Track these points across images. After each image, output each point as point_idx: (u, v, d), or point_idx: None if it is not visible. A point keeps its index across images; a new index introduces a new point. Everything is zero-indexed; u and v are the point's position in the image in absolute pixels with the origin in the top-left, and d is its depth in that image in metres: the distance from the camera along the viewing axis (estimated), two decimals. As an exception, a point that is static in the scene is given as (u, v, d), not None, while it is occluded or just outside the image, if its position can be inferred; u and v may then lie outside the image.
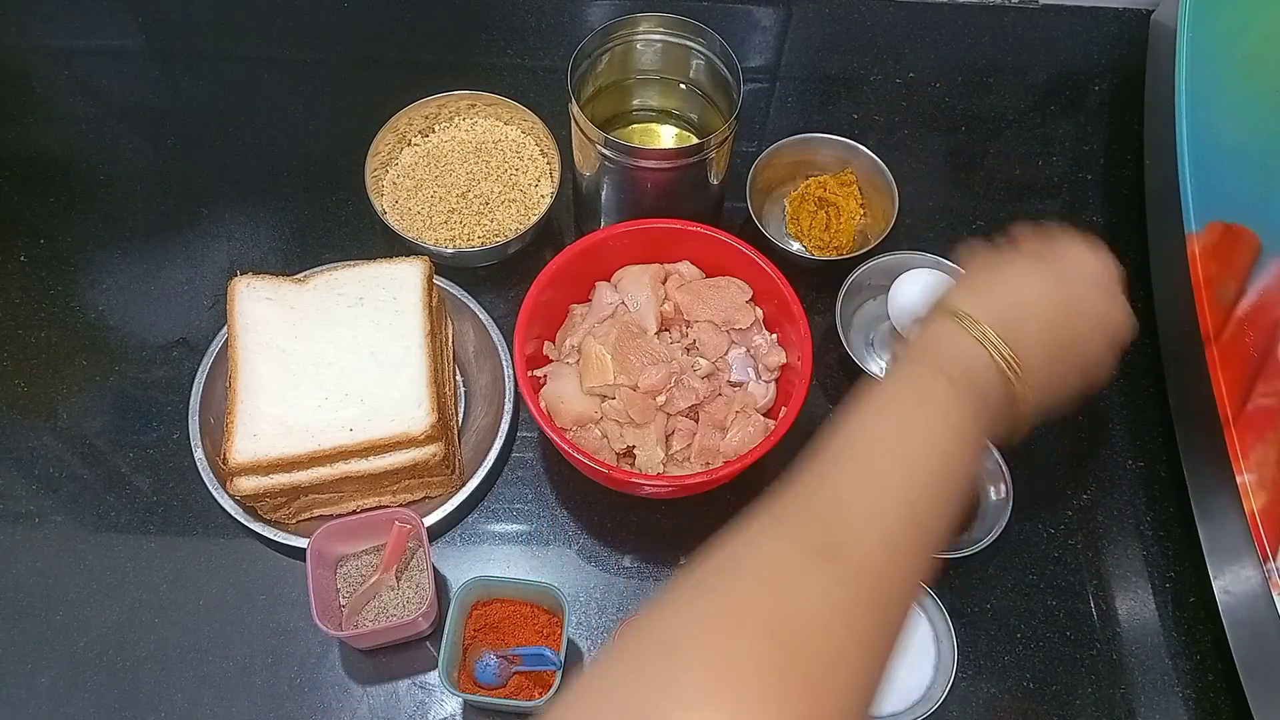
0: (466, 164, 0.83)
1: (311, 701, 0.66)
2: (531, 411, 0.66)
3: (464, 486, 0.71)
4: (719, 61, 0.73)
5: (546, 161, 0.83)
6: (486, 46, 0.94)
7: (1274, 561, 0.59)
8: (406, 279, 0.73)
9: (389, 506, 0.71)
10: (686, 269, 0.74)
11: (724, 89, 0.74)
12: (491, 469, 0.72)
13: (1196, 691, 0.67)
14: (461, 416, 0.76)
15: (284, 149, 0.88)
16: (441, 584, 0.70)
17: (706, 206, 0.78)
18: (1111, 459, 0.75)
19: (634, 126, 0.81)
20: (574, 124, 0.72)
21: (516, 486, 0.74)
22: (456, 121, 0.85)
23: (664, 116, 0.81)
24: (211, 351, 0.74)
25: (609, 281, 0.74)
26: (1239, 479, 0.62)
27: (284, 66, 0.93)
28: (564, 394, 0.69)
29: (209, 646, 0.68)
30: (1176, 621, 0.70)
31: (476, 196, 0.81)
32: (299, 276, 0.74)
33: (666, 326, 0.73)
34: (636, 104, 0.80)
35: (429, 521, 0.69)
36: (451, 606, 0.64)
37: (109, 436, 0.75)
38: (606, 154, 0.71)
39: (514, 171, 0.82)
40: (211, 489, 0.69)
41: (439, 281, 0.76)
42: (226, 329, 0.71)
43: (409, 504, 0.72)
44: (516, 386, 0.71)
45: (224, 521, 0.70)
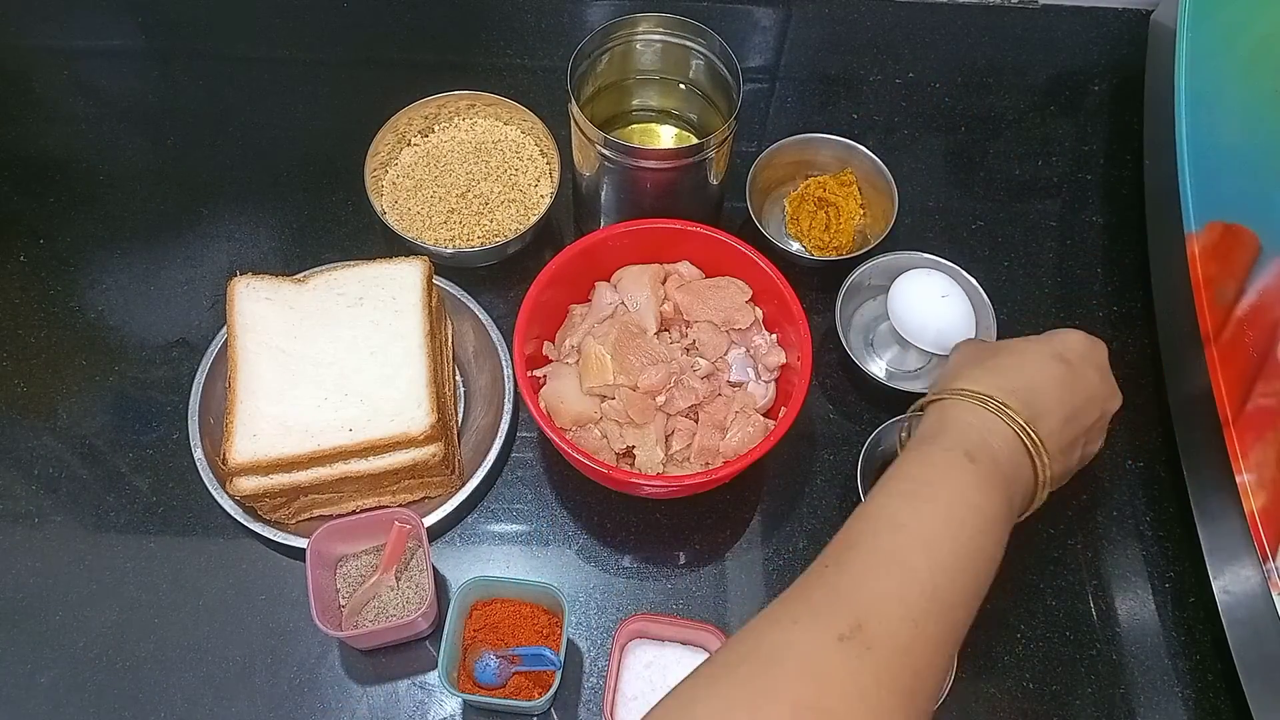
0: (466, 164, 0.83)
1: (311, 702, 0.66)
2: (531, 412, 0.66)
3: (464, 487, 0.71)
4: (719, 61, 0.73)
5: (546, 162, 0.83)
6: (486, 46, 0.94)
7: (1274, 561, 0.59)
8: (406, 279, 0.73)
9: (389, 506, 0.71)
10: (686, 269, 0.74)
11: (724, 89, 0.74)
12: (491, 469, 0.71)
13: (1196, 691, 0.67)
14: (461, 416, 0.76)
15: (284, 149, 0.88)
16: (441, 584, 0.70)
17: (706, 206, 0.78)
18: (1111, 459, 0.75)
19: (634, 126, 0.81)
20: (574, 124, 0.72)
21: (516, 487, 0.74)
22: (456, 121, 0.85)
23: (664, 116, 0.81)
24: (211, 351, 0.74)
25: (609, 282, 0.74)
26: (1239, 479, 0.62)
27: (284, 66, 0.93)
28: (564, 394, 0.69)
29: (208, 647, 0.68)
30: (1176, 621, 0.70)
31: (476, 197, 0.81)
32: (299, 276, 0.74)
33: (666, 327, 0.73)
34: (636, 104, 0.80)
35: (429, 521, 0.69)
36: (451, 606, 0.64)
37: (108, 436, 0.75)
38: (606, 154, 0.71)
39: (514, 171, 0.82)
40: (211, 489, 0.69)
41: (439, 281, 0.76)
42: (226, 329, 0.71)
43: (409, 504, 0.72)
44: (516, 387, 0.71)
45: (224, 522, 0.70)
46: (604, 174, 0.73)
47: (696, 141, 0.71)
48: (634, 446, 0.68)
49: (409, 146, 0.84)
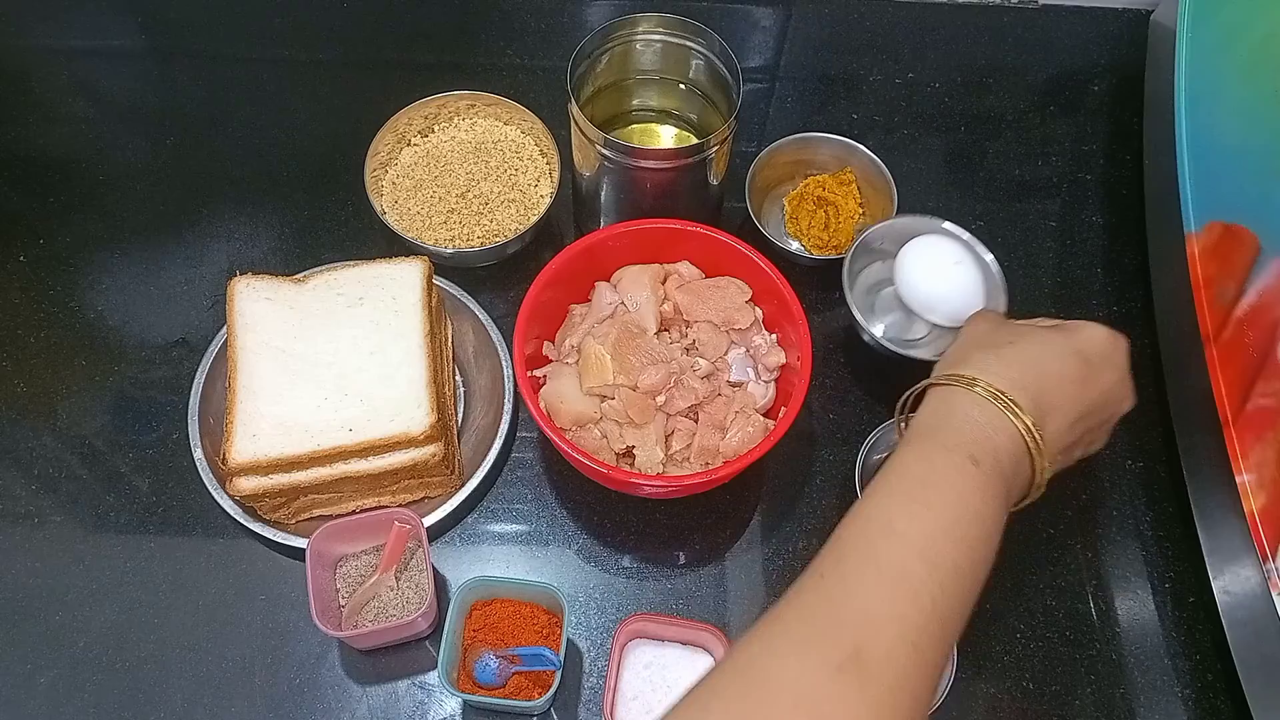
0: (466, 164, 0.83)
1: (311, 702, 0.66)
2: (531, 411, 0.66)
3: (464, 487, 0.71)
4: (718, 61, 0.73)
5: (546, 162, 0.83)
6: (486, 46, 0.94)
7: (1273, 562, 0.59)
8: (406, 279, 0.73)
9: (389, 506, 0.71)
10: (686, 269, 0.74)
11: (723, 89, 0.74)
12: (491, 469, 0.71)
13: (1196, 691, 0.67)
14: (461, 416, 0.76)
15: (284, 149, 0.88)
16: (441, 584, 0.70)
17: (706, 206, 0.78)
18: (1111, 459, 0.75)
19: (634, 126, 0.81)
20: (574, 124, 0.72)
21: (516, 486, 0.74)
22: (456, 122, 0.85)
23: (663, 116, 0.81)
24: (211, 351, 0.74)
25: (608, 281, 0.74)
26: (1238, 479, 0.62)
27: (284, 66, 0.93)
28: (564, 394, 0.69)
29: (208, 647, 0.68)
30: (1176, 621, 0.70)
31: (476, 197, 0.81)
32: (299, 276, 0.74)
33: (666, 326, 0.73)
34: (636, 104, 0.80)
35: (429, 521, 0.69)
36: (451, 606, 0.64)
37: (108, 436, 0.75)
38: (606, 154, 0.71)
39: (513, 171, 0.82)
40: (211, 489, 0.69)
41: (439, 281, 0.76)
42: (226, 329, 0.71)
43: (409, 504, 0.72)
44: (516, 386, 0.71)
45: (223, 522, 0.70)
46: (604, 174, 0.73)
47: (696, 141, 0.71)
48: (634, 446, 0.68)
49: (409, 146, 0.84)
